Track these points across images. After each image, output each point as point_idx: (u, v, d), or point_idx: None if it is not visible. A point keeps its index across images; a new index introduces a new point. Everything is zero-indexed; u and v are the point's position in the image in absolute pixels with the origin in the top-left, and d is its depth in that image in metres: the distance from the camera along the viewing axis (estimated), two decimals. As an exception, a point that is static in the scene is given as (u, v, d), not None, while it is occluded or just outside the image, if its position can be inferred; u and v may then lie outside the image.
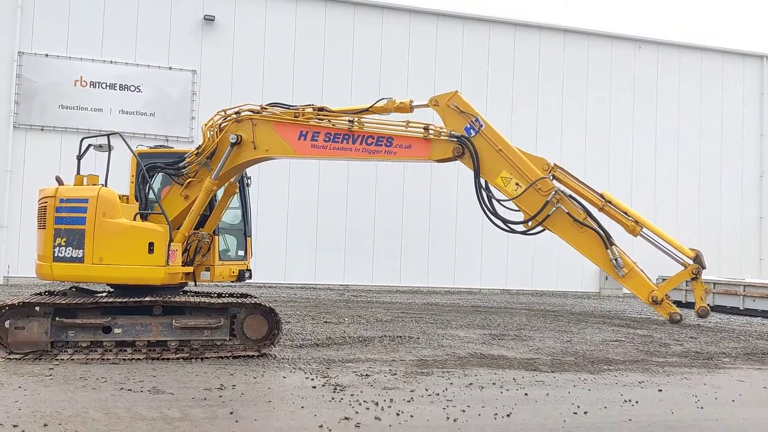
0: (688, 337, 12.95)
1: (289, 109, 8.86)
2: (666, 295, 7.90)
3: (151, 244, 8.70)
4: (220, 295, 9.87)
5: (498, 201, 8.29)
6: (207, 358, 8.68)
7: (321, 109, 8.72)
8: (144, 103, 20.94)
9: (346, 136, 8.54)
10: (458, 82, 23.51)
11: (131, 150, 9.37)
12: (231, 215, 10.25)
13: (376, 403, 6.57)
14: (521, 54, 24.75)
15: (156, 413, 6.02)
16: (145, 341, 8.67)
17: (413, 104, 8.69)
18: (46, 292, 9.51)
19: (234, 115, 8.93)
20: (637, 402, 7.17)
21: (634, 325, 14.86)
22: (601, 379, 8.42)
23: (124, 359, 8.40)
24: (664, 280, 21.65)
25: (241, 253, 10.23)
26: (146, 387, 6.95)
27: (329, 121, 8.65)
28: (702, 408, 7.11)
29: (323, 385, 7.32)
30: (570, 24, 25.84)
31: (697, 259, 7.92)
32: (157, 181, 9.65)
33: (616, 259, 7.95)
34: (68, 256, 8.81)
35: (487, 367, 8.92)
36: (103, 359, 8.33)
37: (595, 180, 10.53)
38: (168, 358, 8.53)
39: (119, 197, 9.08)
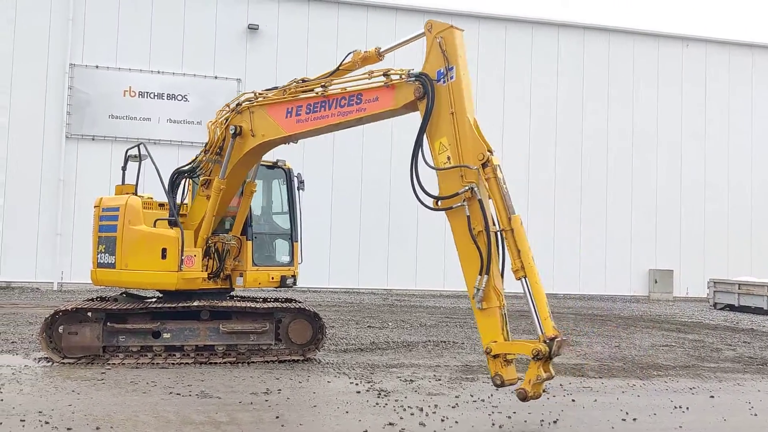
0: (741, 341, 12.60)
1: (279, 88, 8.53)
2: (505, 355, 6.40)
3: (164, 250, 8.81)
4: (265, 300, 9.97)
5: (427, 164, 7.03)
6: (253, 362, 8.79)
7: (303, 80, 8.16)
8: (190, 112, 21.33)
9: (323, 103, 7.86)
10: (501, 84, 23.43)
11: (151, 159, 9.49)
12: (279, 219, 10.26)
13: (421, 409, 6.56)
14: (565, 54, 24.47)
15: (204, 417, 6.12)
16: (193, 346, 8.82)
17: (381, 50, 7.69)
18: (98, 297, 9.76)
19: (235, 107, 8.84)
20: (687, 409, 7.01)
21: (685, 329, 14.51)
22: (650, 385, 8.25)
23: (173, 363, 8.56)
24: (715, 284, 21.24)
25: (286, 258, 10.00)
26: (194, 391, 7.07)
27: (313, 90, 8.05)
28: (756, 415, 6.91)
29: (367, 390, 7.34)
30: (614, 23, 25.48)
31: (551, 343, 6.26)
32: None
33: (479, 289, 6.59)
34: (106, 262, 9.21)
35: (533, 372, 8.81)
36: (153, 363, 8.50)
37: (646, 183, 10.29)
38: (215, 363, 8.66)
39: (157, 204, 9.31)
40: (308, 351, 9.04)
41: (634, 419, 6.52)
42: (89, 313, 8.62)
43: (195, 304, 8.78)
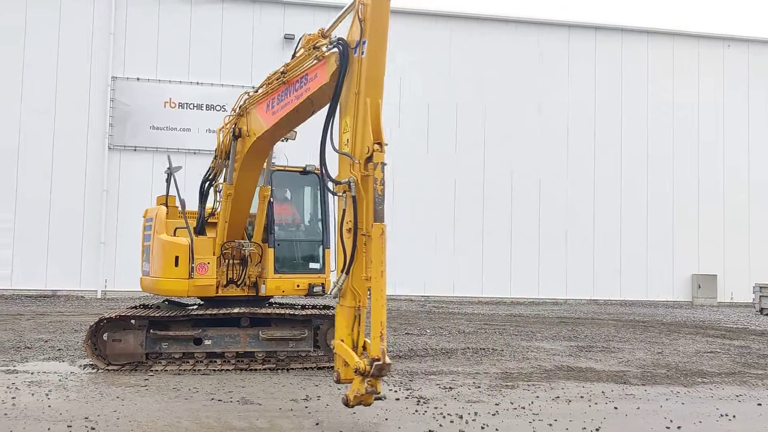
0: (790, 348, 12.26)
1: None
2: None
3: (176, 258, 8.93)
4: (303, 307, 10.03)
5: (332, 144, 6.28)
6: (292, 369, 8.85)
7: (283, 72, 7.74)
8: (229, 122, 21.62)
9: (286, 91, 7.61)
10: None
11: (169, 169, 9.68)
12: (309, 225, 10.20)
13: (461, 417, 6.52)
14: (602, 57, 24.21)
15: (245, 423, 6.18)
16: (233, 352, 8.93)
17: (325, 30, 7.04)
18: (140, 305, 9.95)
19: (238, 109, 8.77)
20: (734, 417, 6.84)
21: (730, 335, 14.18)
22: (695, 392, 8.07)
23: (214, 370, 8.66)
24: (761, 288, 20.69)
25: (316, 265, 9.71)
26: (236, 397, 7.14)
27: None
28: (807, 424, 6.71)
29: (406, 398, 7.32)
30: (654, 25, 25.14)
31: (372, 364, 5.54)
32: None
33: (335, 285, 6.15)
34: (145, 270, 9.61)
35: (575, 380, 8.70)
36: (195, 370, 8.62)
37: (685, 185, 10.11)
38: (255, 369, 8.75)
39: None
40: (347, 358, 9.06)
41: (679, 427, 6.38)
42: (132, 321, 8.78)
43: (235, 311, 8.89)
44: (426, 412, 6.71)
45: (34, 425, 5.90)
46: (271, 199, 9.44)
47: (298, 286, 9.41)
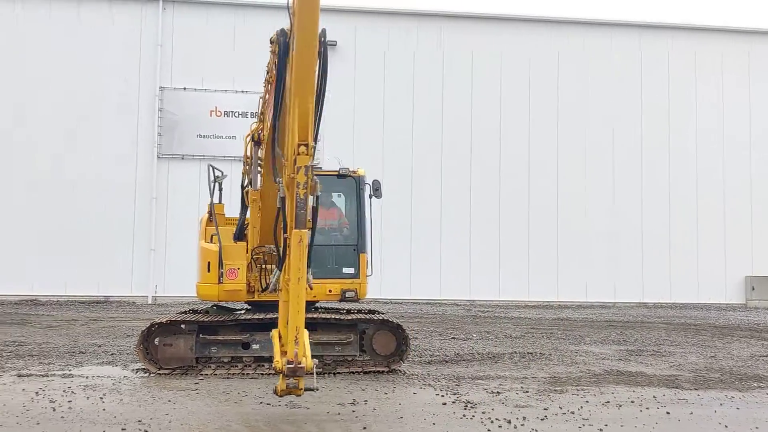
0: None
1: None
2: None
3: (208, 264, 9.12)
4: (349, 312, 10.08)
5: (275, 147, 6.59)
6: (339, 373, 8.90)
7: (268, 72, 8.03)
8: (273, 129, 21.91)
9: (270, 90, 7.81)
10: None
11: (217, 178, 9.97)
12: (344, 230, 10.16)
13: (509, 421, 6.47)
14: (648, 56, 23.78)
15: (294, 428, 6.24)
16: (281, 357, 9.00)
17: (279, 31, 7.17)
18: (190, 310, 10.13)
19: (260, 115, 8.97)
20: (794, 423, 6.63)
21: (788, 339, 13.75)
22: (750, 397, 7.85)
23: (262, 374, 8.77)
24: None
25: (349, 270, 9.58)
26: (283, 402, 7.20)
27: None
28: None
29: (454, 402, 7.30)
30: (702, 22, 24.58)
31: (286, 366, 5.80)
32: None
33: (273, 284, 6.73)
34: (197, 276, 9.71)
35: (625, 384, 8.55)
36: (243, 374, 8.74)
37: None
38: (303, 373, 8.81)
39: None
40: (393, 362, 9.08)
41: (735, 434, 6.23)
42: (182, 326, 8.94)
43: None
44: (474, 416, 6.68)
45: (89, 428, 6.06)
46: None
47: (330, 291, 9.37)
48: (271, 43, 7.17)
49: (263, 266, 9.13)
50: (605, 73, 23.38)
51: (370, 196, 9.91)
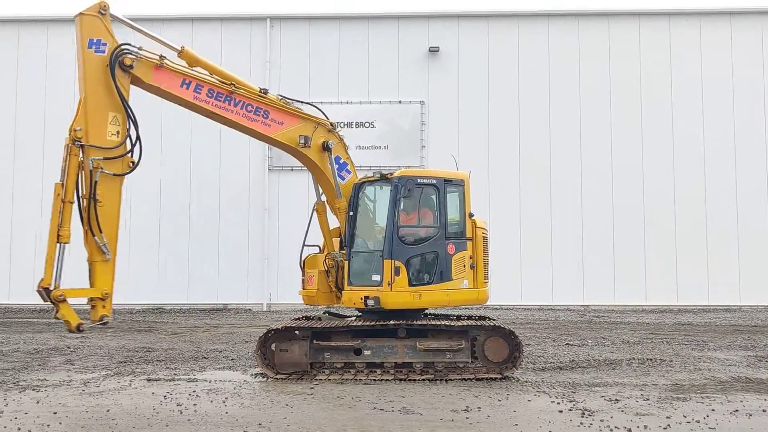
0: None
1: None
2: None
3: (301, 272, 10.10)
4: (459, 318, 10.04)
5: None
6: (451, 379, 8.87)
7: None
8: (377, 137, 22.19)
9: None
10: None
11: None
12: (379, 236, 9.88)
13: (629, 430, 6.24)
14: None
15: (407, 433, 6.28)
16: (392, 362, 9.10)
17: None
18: (303, 317, 10.42)
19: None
20: None
21: None
22: None
23: (374, 380, 8.88)
24: None
25: (377, 277, 9.25)
26: (397, 407, 7.28)
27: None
28: None
29: (570, 410, 7.12)
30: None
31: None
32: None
33: (103, 244, 8.05)
34: None
35: (755, 392, 8.05)
36: (356, 380, 8.88)
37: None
38: (414, 379, 8.86)
39: None
40: (505, 369, 8.97)
41: None
42: (297, 332, 9.20)
43: (391, 322, 9.06)
44: (591, 425, 6.48)
45: (214, 430, 6.35)
46: (350, 212, 9.79)
47: (361, 298, 9.26)
48: None
49: (327, 270, 9.76)
50: (694, 67, 22.09)
51: (399, 198, 9.46)
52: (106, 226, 8.11)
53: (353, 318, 9.96)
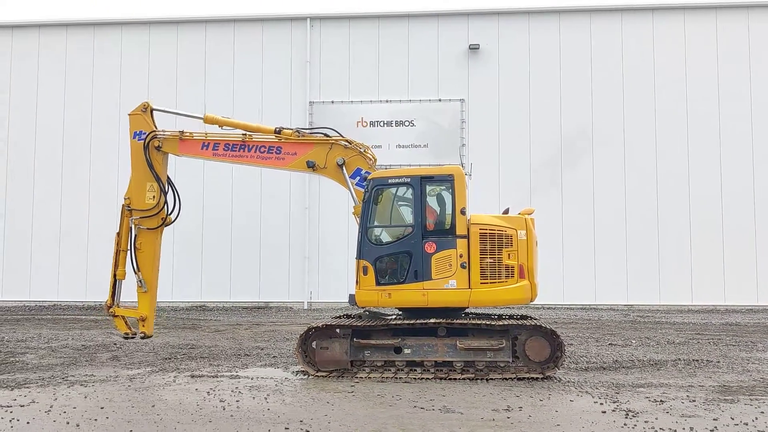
0: None
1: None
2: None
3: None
4: (500, 317, 9.97)
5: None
6: (492, 379, 8.82)
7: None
8: (417, 136, 22.16)
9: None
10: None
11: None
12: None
13: (675, 432, 6.12)
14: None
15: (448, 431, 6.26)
16: (432, 361, 9.08)
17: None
18: (344, 315, 10.47)
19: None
20: None
21: None
22: None
23: (414, 378, 8.88)
24: None
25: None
26: (437, 406, 7.26)
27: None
28: None
29: (614, 411, 7.01)
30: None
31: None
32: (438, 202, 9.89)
33: (140, 280, 10.13)
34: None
35: (807, 395, 7.81)
36: (396, 378, 8.89)
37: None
38: (455, 379, 8.83)
39: None
40: (547, 369, 8.87)
41: None
42: (337, 330, 9.25)
43: (431, 321, 9.04)
44: (636, 426, 6.38)
45: (256, 427, 6.42)
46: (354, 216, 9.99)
47: (350, 295, 9.70)
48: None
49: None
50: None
51: (369, 199, 9.60)
52: (144, 267, 10.16)
53: (393, 317, 9.97)
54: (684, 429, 6.22)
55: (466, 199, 9.42)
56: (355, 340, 9.19)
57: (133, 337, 10.32)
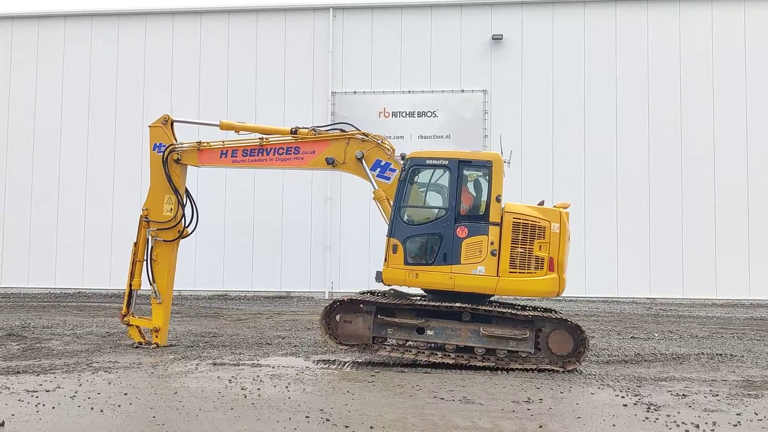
0: None
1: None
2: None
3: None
4: (524, 308, 9.91)
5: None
6: (512, 369, 8.80)
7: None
8: (439, 127, 22.08)
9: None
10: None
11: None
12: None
13: (697, 426, 6.06)
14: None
15: (468, 422, 6.26)
16: (453, 345, 9.07)
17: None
18: (368, 292, 10.45)
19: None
20: None
21: None
22: None
23: (434, 363, 8.88)
24: None
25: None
26: (457, 396, 7.26)
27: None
28: None
29: (635, 404, 6.96)
30: None
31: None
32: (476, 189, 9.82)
33: (155, 291, 10.57)
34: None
35: (834, 391, 7.70)
36: (416, 361, 8.91)
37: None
38: (475, 367, 8.81)
39: None
40: (568, 363, 8.82)
41: None
42: (362, 305, 9.30)
43: (457, 305, 9.02)
44: (657, 419, 6.33)
45: (277, 414, 6.48)
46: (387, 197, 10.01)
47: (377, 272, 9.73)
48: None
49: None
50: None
51: (406, 178, 9.57)
52: (159, 278, 10.56)
53: (418, 297, 9.98)
54: (707, 423, 6.16)
55: (503, 186, 9.40)
56: (378, 316, 9.23)
57: (144, 346, 10.62)
